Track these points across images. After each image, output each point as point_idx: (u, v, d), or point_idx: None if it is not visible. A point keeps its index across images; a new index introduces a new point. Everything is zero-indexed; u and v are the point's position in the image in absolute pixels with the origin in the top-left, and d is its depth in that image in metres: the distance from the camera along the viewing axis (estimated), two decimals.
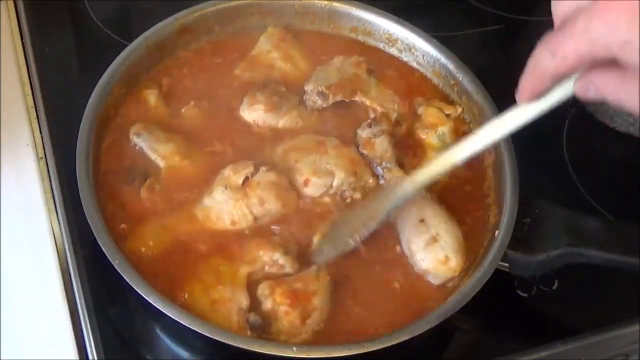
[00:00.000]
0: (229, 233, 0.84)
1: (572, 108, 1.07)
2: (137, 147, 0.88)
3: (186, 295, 0.78)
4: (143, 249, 0.81)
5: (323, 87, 0.94)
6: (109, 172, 0.86)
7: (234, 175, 0.85)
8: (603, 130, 1.05)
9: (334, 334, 0.79)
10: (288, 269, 0.81)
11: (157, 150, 0.88)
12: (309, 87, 0.95)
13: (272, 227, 0.85)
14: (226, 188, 0.84)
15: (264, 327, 0.78)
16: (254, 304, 0.79)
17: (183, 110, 0.93)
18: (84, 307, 0.80)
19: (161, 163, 0.87)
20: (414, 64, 1.01)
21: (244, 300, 0.79)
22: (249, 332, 0.77)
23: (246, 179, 0.85)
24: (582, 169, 1.02)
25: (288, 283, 0.80)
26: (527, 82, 0.66)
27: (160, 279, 0.79)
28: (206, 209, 0.84)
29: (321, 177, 0.87)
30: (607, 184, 1.01)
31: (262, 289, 0.80)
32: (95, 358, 0.78)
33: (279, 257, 0.81)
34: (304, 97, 0.94)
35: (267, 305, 0.79)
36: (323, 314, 0.80)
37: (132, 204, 0.84)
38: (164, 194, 0.85)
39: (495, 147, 0.90)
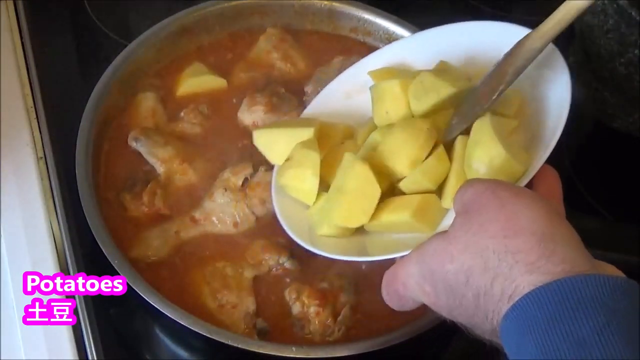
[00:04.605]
0: (231, 235, 0.84)
1: (572, 107, 1.06)
2: (136, 152, 0.88)
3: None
4: (145, 254, 0.81)
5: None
6: (110, 177, 0.86)
7: (233, 177, 0.85)
8: (603, 130, 1.04)
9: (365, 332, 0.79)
10: (293, 271, 0.82)
11: (155, 155, 0.87)
12: (308, 89, 0.94)
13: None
14: (226, 190, 0.84)
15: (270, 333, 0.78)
16: (260, 309, 0.79)
17: (182, 113, 0.93)
18: (84, 307, 0.80)
19: (160, 168, 0.87)
20: None
21: (250, 305, 0.79)
22: (256, 338, 0.77)
23: (245, 180, 0.85)
24: (582, 169, 1.01)
25: (313, 284, 0.80)
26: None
27: (163, 283, 0.79)
28: (207, 211, 0.84)
29: None
30: (607, 184, 1.01)
31: (289, 294, 0.80)
32: (95, 358, 0.78)
33: (285, 261, 0.81)
34: (303, 99, 0.94)
35: (297, 308, 0.79)
36: (352, 308, 0.79)
37: (133, 210, 0.84)
38: (164, 198, 0.85)
39: None
